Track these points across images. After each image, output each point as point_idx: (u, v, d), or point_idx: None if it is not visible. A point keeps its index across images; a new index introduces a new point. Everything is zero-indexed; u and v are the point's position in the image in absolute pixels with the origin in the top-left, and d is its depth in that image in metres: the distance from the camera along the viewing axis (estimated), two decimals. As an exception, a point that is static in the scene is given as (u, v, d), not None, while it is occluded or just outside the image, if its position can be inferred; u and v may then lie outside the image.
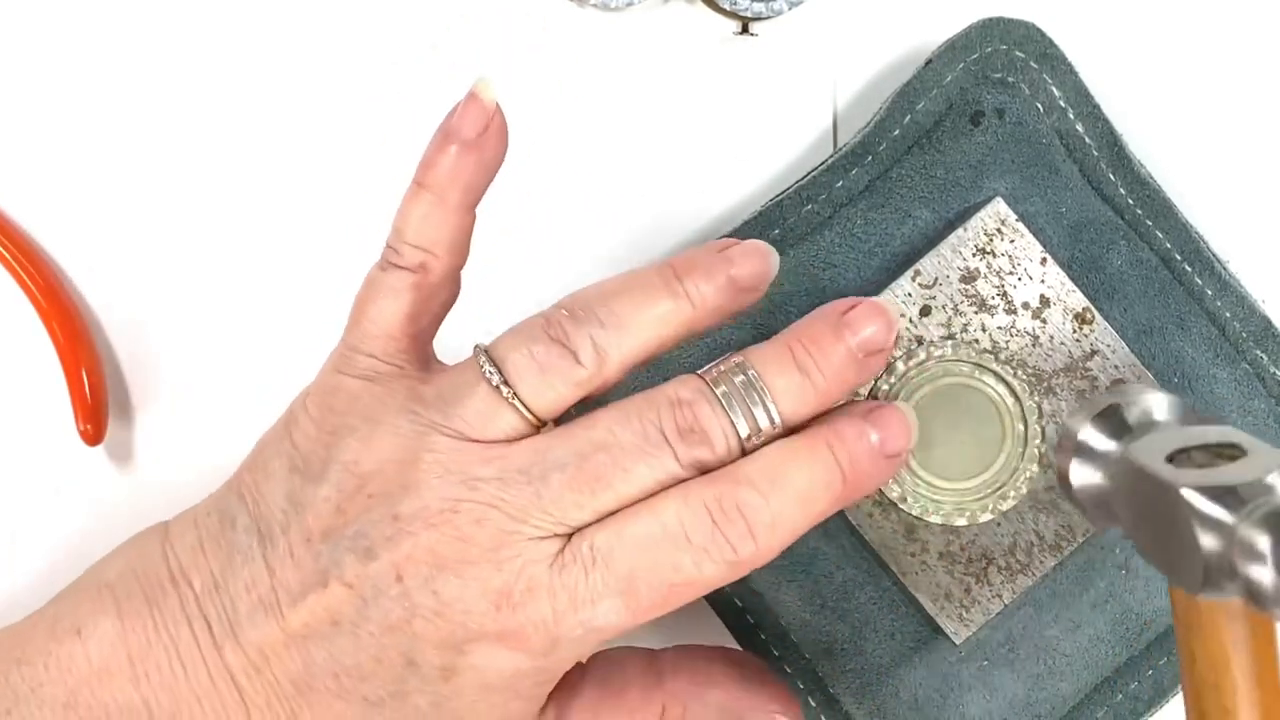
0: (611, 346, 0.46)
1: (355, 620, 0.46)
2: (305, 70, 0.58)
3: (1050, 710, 0.55)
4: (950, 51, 0.55)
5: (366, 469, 0.47)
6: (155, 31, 0.58)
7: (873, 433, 0.47)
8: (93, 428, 0.58)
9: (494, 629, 0.46)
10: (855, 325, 0.48)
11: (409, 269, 0.48)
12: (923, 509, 0.53)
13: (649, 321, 0.47)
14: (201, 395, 0.59)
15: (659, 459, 0.46)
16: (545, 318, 0.47)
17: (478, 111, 0.48)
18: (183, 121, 0.58)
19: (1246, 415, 0.54)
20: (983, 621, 0.54)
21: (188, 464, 0.59)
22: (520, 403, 0.46)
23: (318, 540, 0.47)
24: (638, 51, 0.58)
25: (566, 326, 0.46)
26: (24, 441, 0.59)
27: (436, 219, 0.48)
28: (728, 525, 0.46)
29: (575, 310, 0.47)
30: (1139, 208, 0.55)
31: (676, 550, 0.46)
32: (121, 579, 0.49)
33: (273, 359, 0.59)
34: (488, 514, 0.46)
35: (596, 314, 0.47)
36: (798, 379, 0.47)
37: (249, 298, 0.59)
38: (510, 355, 0.47)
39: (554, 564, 0.46)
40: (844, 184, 0.55)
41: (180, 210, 0.59)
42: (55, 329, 0.58)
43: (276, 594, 0.47)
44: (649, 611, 0.46)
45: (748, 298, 0.48)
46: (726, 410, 0.46)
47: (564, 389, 0.46)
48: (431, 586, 0.46)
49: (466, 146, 0.47)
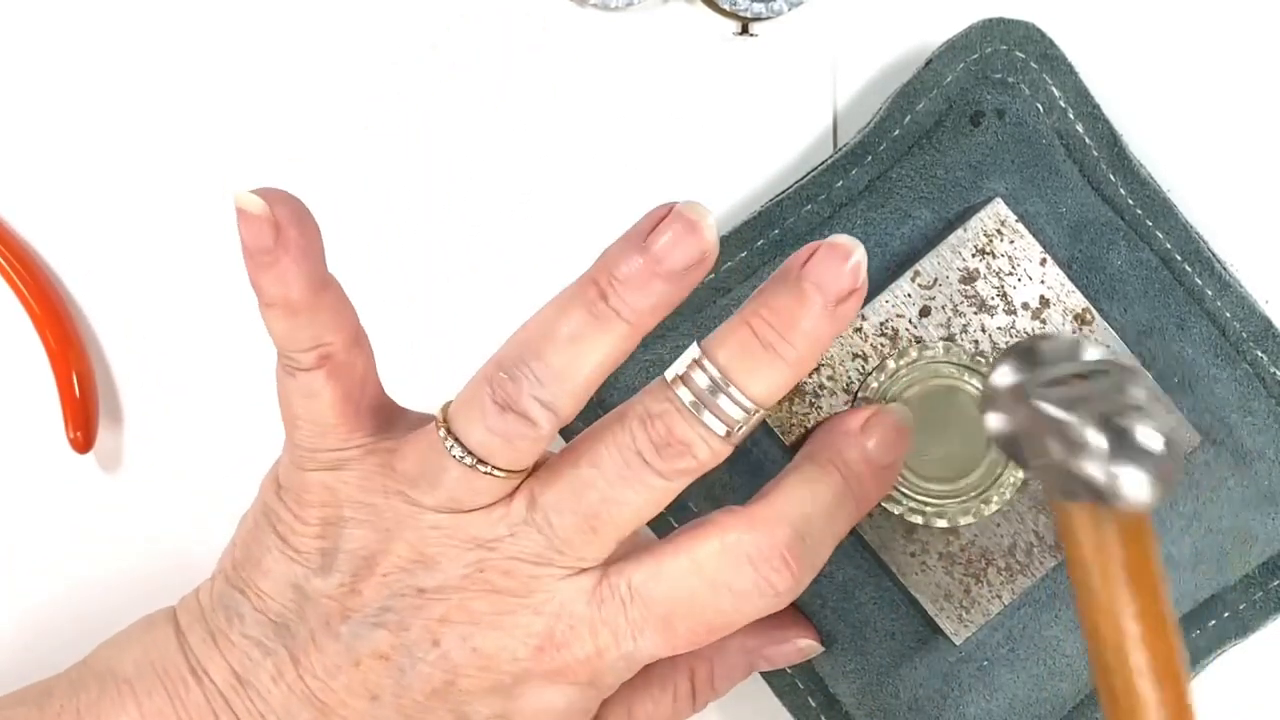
0: (558, 398, 0.45)
1: (396, 691, 0.46)
2: (304, 72, 0.58)
3: (1050, 710, 0.55)
4: (950, 52, 0.55)
5: (374, 551, 0.47)
6: (151, 32, 0.58)
7: (870, 444, 0.48)
8: (82, 435, 0.58)
9: (541, 670, 0.46)
10: (816, 276, 0.45)
11: (312, 368, 0.47)
12: (905, 509, 0.53)
13: (585, 361, 0.45)
14: (191, 404, 0.59)
15: (644, 481, 0.46)
16: (488, 383, 0.45)
17: (256, 224, 0.45)
18: (178, 126, 0.58)
19: (1247, 415, 0.54)
20: (982, 622, 0.54)
21: (177, 472, 0.59)
22: (497, 470, 0.46)
23: (338, 623, 0.46)
24: (638, 51, 0.58)
25: (509, 390, 0.45)
26: (13, 448, 0.59)
27: (299, 322, 0.46)
28: (769, 571, 0.46)
29: (510, 369, 0.45)
30: (1139, 208, 0.55)
31: (715, 596, 0.46)
32: (139, 674, 0.48)
33: (264, 368, 0.58)
34: (512, 566, 0.46)
35: (531, 370, 0.45)
36: (765, 359, 0.45)
37: (241, 306, 0.58)
38: (471, 432, 0.45)
39: (591, 599, 0.46)
40: (844, 184, 0.55)
41: (174, 217, 0.59)
42: (48, 335, 0.58)
43: (305, 681, 0.47)
44: (690, 644, 0.47)
45: (694, 276, 0.45)
46: (698, 418, 0.45)
47: (531, 446, 0.46)
48: (470, 644, 0.46)
49: (273, 259, 0.45)
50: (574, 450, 0.47)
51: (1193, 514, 0.54)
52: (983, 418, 0.46)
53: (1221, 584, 0.55)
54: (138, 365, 0.59)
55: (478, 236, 0.58)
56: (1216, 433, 0.54)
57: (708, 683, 0.52)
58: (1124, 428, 0.42)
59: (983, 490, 0.53)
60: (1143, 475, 0.42)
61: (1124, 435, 0.42)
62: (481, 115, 0.58)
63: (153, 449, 0.59)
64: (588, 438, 0.47)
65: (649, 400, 0.46)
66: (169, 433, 0.59)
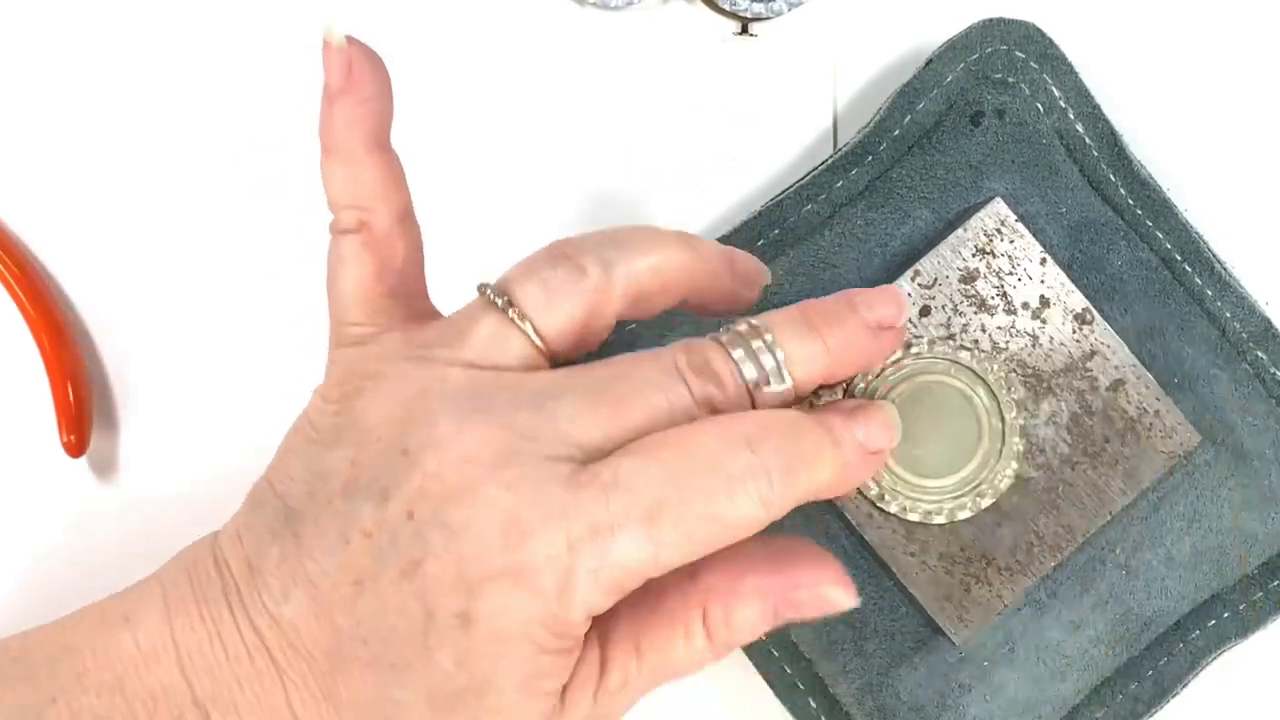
0: (618, 262, 0.45)
1: (375, 574, 0.45)
2: (301, 73, 0.58)
3: (1050, 711, 0.55)
4: (950, 51, 0.55)
5: (375, 418, 0.46)
6: (149, 34, 0.58)
7: (858, 429, 0.46)
8: (76, 439, 0.58)
9: (504, 562, 0.43)
10: (867, 301, 0.47)
11: (351, 231, 0.48)
12: (900, 507, 0.53)
13: (656, 247, 0.46)
14: (186, 408, 0.59)
15: (674, 390, 0.44)
16: (547, 246, 0.46)
17: (335, 57, 0.47)
18: (177, 130, 0.58)
19: (1247, 415, 0.54)
20: (983, 622, 0.54)
21: (171, 477, 0.59)
22: (530, 324, 0.45)
23: (339, 500, 0.45)
24: (638, 51, 0.58)
25: (569, 247, 0.46)
26: (6, 453, 0.59)
27: (352, 175, 0.47)
28: (766, 453, 0.44)
29: (578, 238, 0.46)
30: (1139, 208, 0.55)
31: (709, 478, 0.43)
32: (169, 571, 0.49)
33: (258, 373, 0.58)
34: (496, 434, 0.44)
35: (606, 235, 0.46)
36: (810, 339, 0.46)
37: (236, 311, 0.59)
38: (515, 280, 0.46)
39: (570, 484, 0.43)
40: (844, 184, 0.55)
41: (169, 222, 0.58)
42: (42, 339, 0.58)
43: (304, 564, 0.46)
44: (672, 550, 0.43)
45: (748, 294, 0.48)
46: (732, 356, 0.45)
47: (571, 306, 0.45)
48: (441, 518, 0.44)
49: (341, 93, 0.47)
50: (605, 359, 0.46)
51: (1193, 514, 0.54)
52: None
53: (1221, 584, 0.55)
54: (132, 370, 0.59)
55: (478, 236, 0.58)
56: (1217, 433, 0.54)
57: (723, 623, 0.47)
58: None
59: (977, 485, 0.53)
60: None
61: None
62: (482, 115, 0.58)
63: (146, 454, 0.59)
64: (623, 356, 0.46)
65: (692, 339, 0.46)
66: (163, 437, 0.59)
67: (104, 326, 0.59)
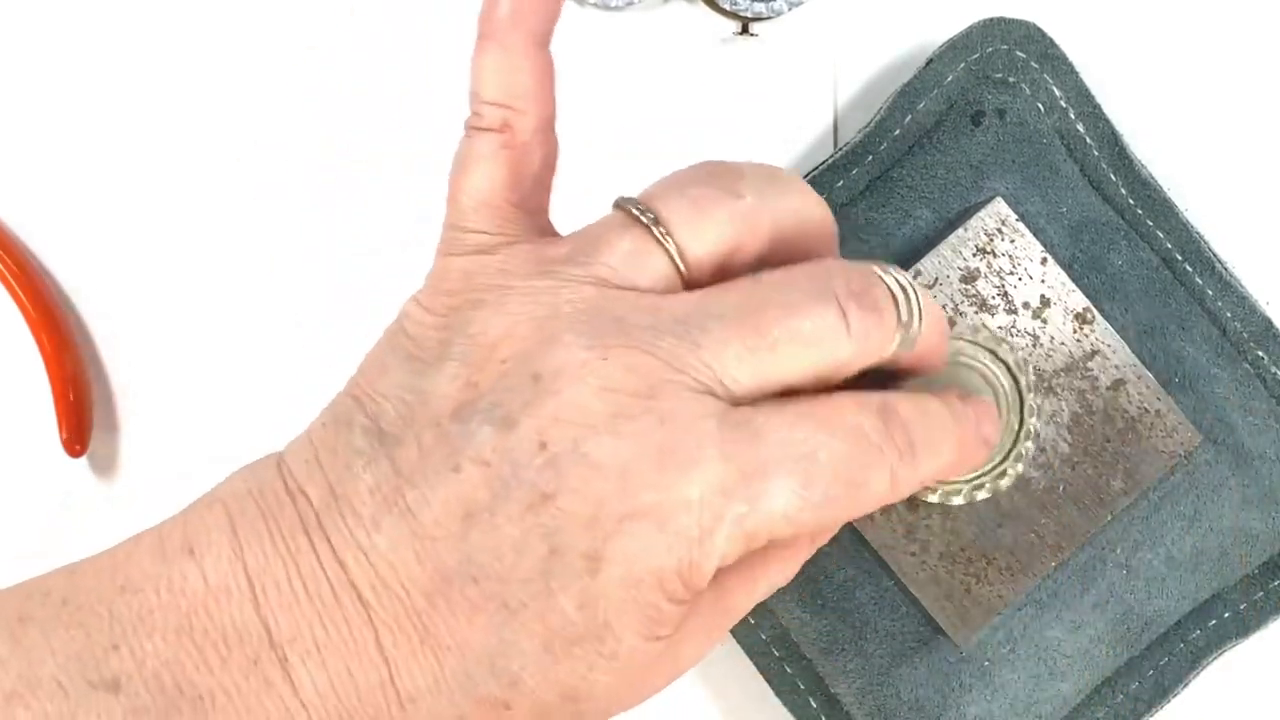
0: (770, 193, 0.43)
1: (492, 507, 0.41)
2: (299, 75, 0.58)
3: (1051, 711, 0.55)
4: (951, 51, 0.55)
5: (496, 335, 0.42)
6: (147, 35, 0.58)
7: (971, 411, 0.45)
8: (76, 439, 0.58)
9: (649, 502, 0.40)
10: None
11: (494, 129, 0.44)
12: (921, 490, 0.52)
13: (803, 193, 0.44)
14: (186, 407, 0.59)
15: (828, 318, 0.42)
16: (701, 162, 0.44)
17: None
18: (176, 130, 0.58)
19: (1247, 415, 0.54)
20: (983, 622, 0.54)
21: (171, 476, 0.59)
22: (673, 242, 0.42)
23: (447, 422, 0.41)
24: (638, 51, 0.58)
25: (727, 166, 0.43)
26: (6, 452, 0.59)
27: (508, 68, 0.44)
28: (898, 433, 0.42)
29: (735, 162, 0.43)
30: (1140, 208, 0.55)
31: (854, 446, 0.41)
32: (234, 495, 0.43)
33: (258, 373, 0.58)
34: (641, 360, 0.41)
35: (758, 165, 0.43)
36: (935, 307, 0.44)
37: (236, 309, 0.59)
38: (662, 197, 0.43)
39: (724, 422, 0.40)
40: (844, 184, 0.55)
41: (170, 221, 0.58)
42: (42, 338, 0.58)
43: (403, 493, 0.41)
44: (815, 509, 0.41)
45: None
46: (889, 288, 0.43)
47: (720, 229, 0.42)
48: (581, 449, 0.40)
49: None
50: (755, 277, 0.42)
51: (1193, 514, 0.54)
52: None
53: (1221, 584, 0.55)
54: (132, 369, 0.59)
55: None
56: (1217, 432, 0.54)
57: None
58: None
59: (995, 465, 0.53)
60: None
61: None
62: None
63: (147, 453, 0.59)
64: (772, 272, 0.43)
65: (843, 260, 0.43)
66: (163, 436, 0.59)
67: (104, 326, 0.59)
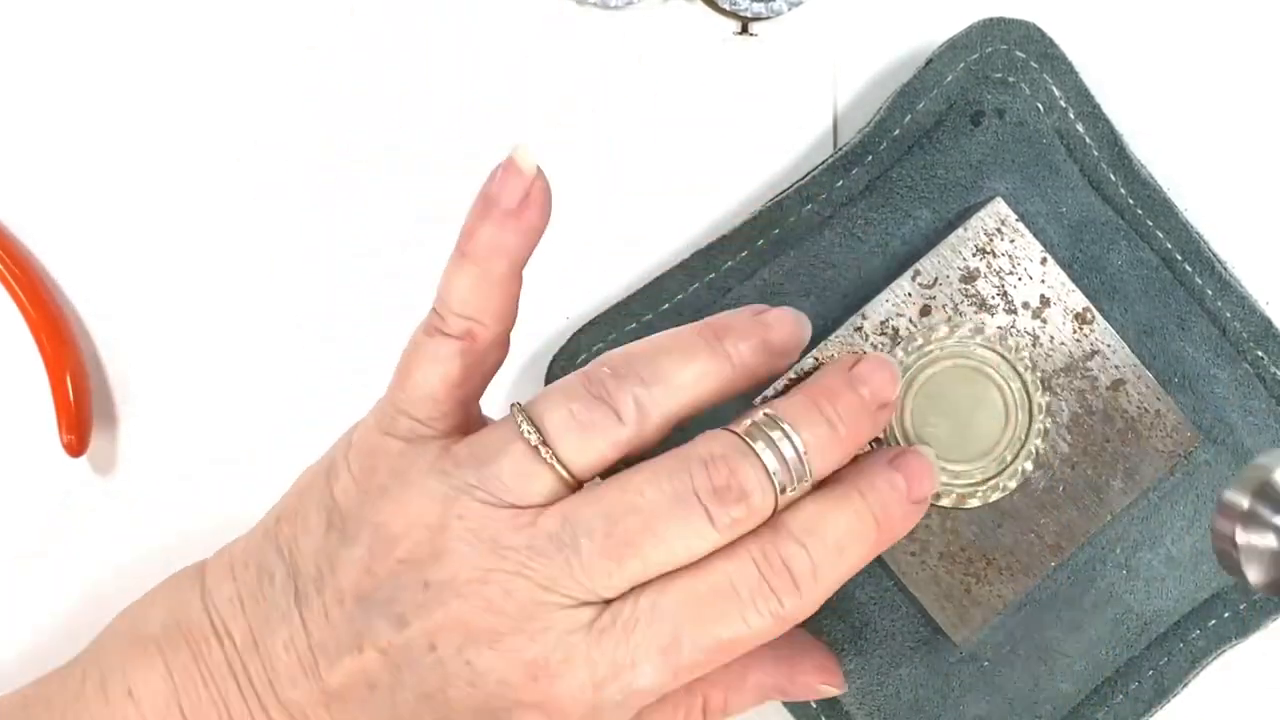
0: (654, 404, 0.46)
1: (391, 685, 0.46)
2: (299, 75, 0.58)
3: (1051, 710, 0.55)
4: (951, 51, 0.55)
5: (396, 531, 0.46)
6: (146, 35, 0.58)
7: (900, 479, 0.47)
8: (76, 439, 0.58)
9: (531, 699, 0.45)
10: (864, 377, 0.48)
11: (455, 337, 0.47)
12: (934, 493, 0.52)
13: (691, 379, 0.46)
14: (186, 408, 0.59)
15: (691, 521, 0.45)
16: (586, 375, 0.46)
17: (516, 180, 0.46)
18: (175, 131, 0.58)
19: (1247, 415, 0.54)
20: (983, 622, 0.53)
21: (171, 476, 0.59)
22: (559, 462, 0.46)
23: (350, 602, 0.46)
24: (638, 51, 0.58)
25: (609, 385, 0.46)
26: (6, 452, 0.59)
27: (483, 290, 0.47)
28: (774, 577, 0.45)
29: (617, 368, 0.46)
30: (1139, 208, 0.55)
31: (724, 603, 0.45)
32: (165, 632, 0.48)
33: (258, 373, 0.58)
34: (516, 584, 0.45)
35: (639, 371, 0.46)
36: (825, 429, 0.47)
37: (236, 309, 0.58)
38: (550, 413, 0.46)
39: (590, 632, 0.45)
40: (844, 184, 0.55)
41: (169, 222, 0.58)
42: (42, 338, 0.57)
43: (314, 654, 0.46)
44: (690, 670, 0.45)
45: (781, 362, 0.48)
46: (763, 462, 0.46)
47: (604, 448, 0.46)
48: (464, 656, 0.45)
49: (507, 216, 0.46)
50: (624, 477, 0.46)
51: (1193, 514, 0.54)
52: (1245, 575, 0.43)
53: (1221, 584, 0.55)
54: (132, 369, 0.59)
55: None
56: (1217, 432, 0.54)
57: (719, 711, 0.51)
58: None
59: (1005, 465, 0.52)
60: None
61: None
62: (482, 114, 0.58)
63: (146, 453, 0.59)
64: (642, 469, 0.46)
65: (711, 443, 0.46)
66: (163, 437, 0.59)
67: (104, 326, 0.59)
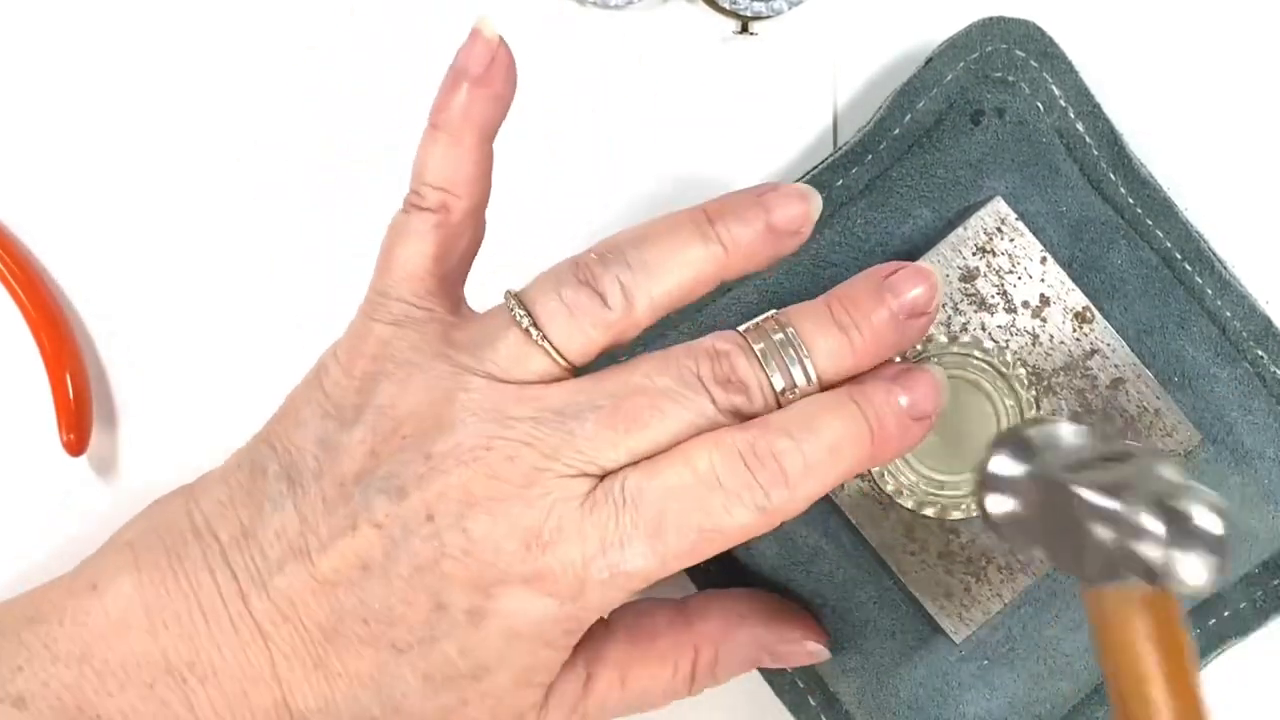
0: (639, 290, 0.47)
1: (384, 563, 0.46)
2: (299, 75, 0.58)
3: (1050, 710, 0.55)
4: (950, 50, 0.55)
5: (401, 411, 0.47)
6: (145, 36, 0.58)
7: (901, 395, 0.47)
8: (76, 438, 0.58)
9: (522, 570, 0.46)
10: (897, 288, 0.48)
11: (431, 210, 0.48)
12: (918, 503, 0.53)
13: (678, 265, 0.47)
14: (186, 407, 0.59)
15: (695, 402, 0.46)
16: (575, 261, 0.47)
17: (482, 47, 0.48)
18: (175, 130, 0.58)
19: (1247, 415, 0.54)
20: (982, 621, 0.53)
21: (171, 476, 0.59)
22: (550, 345, 0.47)
23: (350, 483, 0.47)
24: (638, 51, 0.58)
25: (595, 269, 0.47)
26: (5, 451, 0.59)
27: (453, 158, 0.48)
28: (760, 469, 0.46)
29: (604, 254, 0.47)
30: (1139, 207, 0.55)
31: (707, 493, 0.46)
32: (142, 536, 0.49)
33: (258, 373, 0.58)
34: (520, 451, 0.46)
35: (625, 257, 0.47)
36: (836, 337, 0.47)
37: (235, 307, 0.59)
38: (540, 299, 0.47)
39: (584, 504, 0.46)
40: (844, 183, 0.55)
41: (169, 222, 0.58)
42: (42, 337, 0.58)
43: (306, 540, 0.47)
44: (676, 558, 0.46)
45: (788, 242, 0.48)
46: (764, 365, 0.47)
47: (593, 332, 0.47)
48: (462, 524, 0.46)
49: (475, 82, 0.48)
50: (631, 363, 0.47)
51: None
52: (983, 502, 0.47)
53: (1222, 584, 0.55)
54: (132, 368, 0.59)
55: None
56: (1216, 431, 0.54)
57: (709, 668, 0.51)
58: (1181, 511, 0.43)
59: None
60: (1202, 559, 0.43)
61: (1181, 518, 0.43)
62: (481, 114, 0.58)
63: (147, 452, 0.59)
64: (648, 356, 0.47)
65: (718, 340, 0.47)
66: (163, 436, 0.59)
67: (104, 326, 0.59)
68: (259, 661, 0.47)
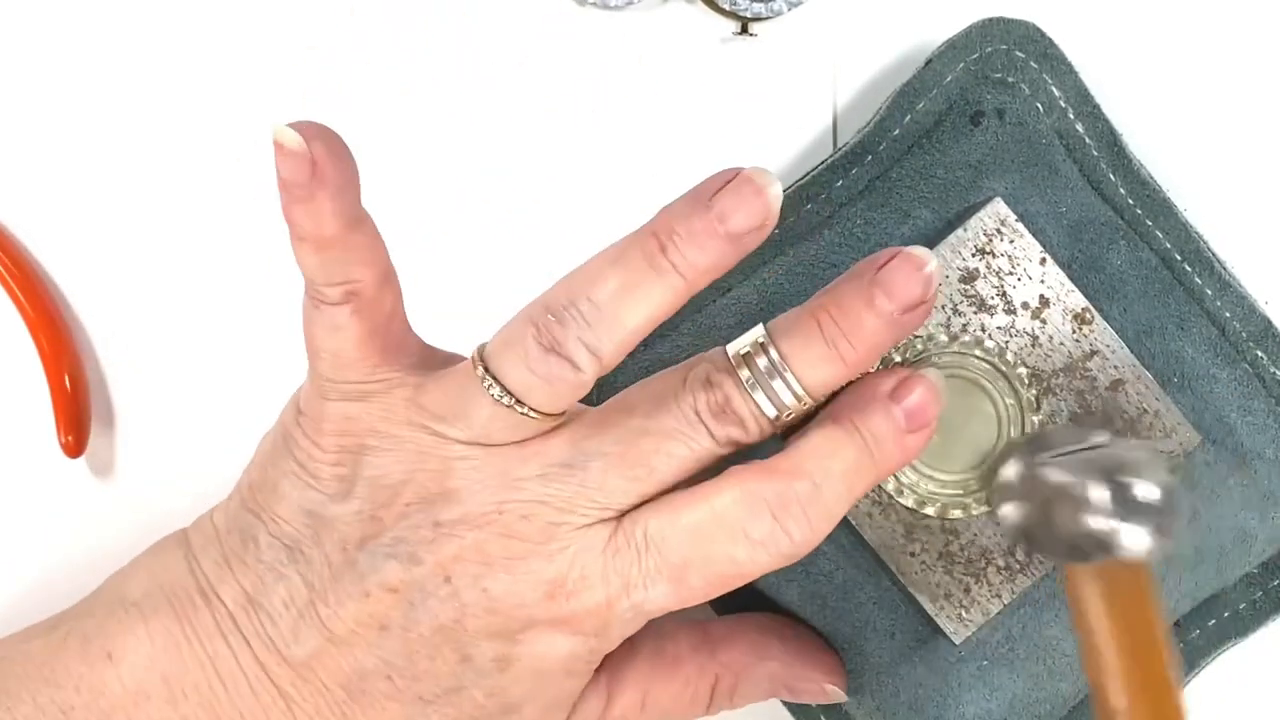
0: (603, 343, 0.45)
1: (404, 624, 0.46)
2: (299, 75, 0.58)
3: (1050, 710, 0.55)
4: (950, 51, 0.55)
5: (396, 480, 0.47)
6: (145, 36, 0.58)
7: (901, 412, 0.48)
8: (75, 439, 0.58)
9: (547, 617, 0.46)
10: (888, 286, 0.46)
11: (340, 303, 0.47)
12: (918, 501, 0.53)
13: (635, 305, 0.45)
14: (184, 408, 0.59)
15: (697, 439, 0.47)
16: (533, 324, 0.45)
17: (293, 161, 0.45)
18: (175, 131, 0.58)
19: (1246, 415, 0.54)
20: (982, 621, 0.53)
21: (169, 477, 0.59)
22: (535, 412, 0.46)
23: (354, 549, 0.47)
24: (638, 51, 0.58)
25: (555, 333, 0.45)
26: (3, 452, 0.59)
27: (329, 257, 0.46)
28: (785, 516, 0.46)
29: (559, 311, 0.45)
30: (1139, 208, 0.55)
31: (730, 540, 0.46)
32: (147, 596, 0.48)
33: (258, 373, 0.58)
34: (534, 510, 0.46)
35: (581, 313, 0.45)
36: (824, 353, 0.47)
37: (234, 309, 0.59)
38: (510, 372, 0.46)
39: (606, 549, 0.46)
40: (844, 184, 0.55)
41: (169, 222, 0.58)
42: (41, 338, 0.58)
43: (316, 607, 0.47)
44: (698, 597, 0.47)
45: (752, 240, 0.46)
46: (753, 397, 0.47)
47: (571, 392, 0.46)
48: (481, 584, 0.46)
49: (307, 192, 0.45)
50: (626, 401, 0.47)
51: (1192, 513, 0.54)
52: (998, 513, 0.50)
53: (1221, 584, 0.55)
54: (131, 369, 0.59)
55: (475, 236, 0.58)
56: (1216, 432, 0.54)
57: (728, 694, 0.52)
58: (1124, 483, 0.46)
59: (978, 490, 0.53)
60: (1141, 526, 0.46)
61: (1124, 490, 0.46)
62: (481, 114, 0.58)
63: (145, 454, 0.59)
64: (643, 390, 0.47)
65: (710, 369, 0.47)
66: (161, 437, 0.59)
67: (103, 326, 0.59)
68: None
